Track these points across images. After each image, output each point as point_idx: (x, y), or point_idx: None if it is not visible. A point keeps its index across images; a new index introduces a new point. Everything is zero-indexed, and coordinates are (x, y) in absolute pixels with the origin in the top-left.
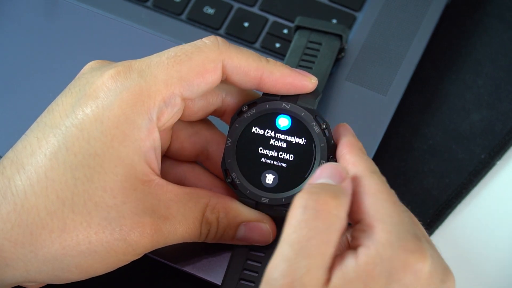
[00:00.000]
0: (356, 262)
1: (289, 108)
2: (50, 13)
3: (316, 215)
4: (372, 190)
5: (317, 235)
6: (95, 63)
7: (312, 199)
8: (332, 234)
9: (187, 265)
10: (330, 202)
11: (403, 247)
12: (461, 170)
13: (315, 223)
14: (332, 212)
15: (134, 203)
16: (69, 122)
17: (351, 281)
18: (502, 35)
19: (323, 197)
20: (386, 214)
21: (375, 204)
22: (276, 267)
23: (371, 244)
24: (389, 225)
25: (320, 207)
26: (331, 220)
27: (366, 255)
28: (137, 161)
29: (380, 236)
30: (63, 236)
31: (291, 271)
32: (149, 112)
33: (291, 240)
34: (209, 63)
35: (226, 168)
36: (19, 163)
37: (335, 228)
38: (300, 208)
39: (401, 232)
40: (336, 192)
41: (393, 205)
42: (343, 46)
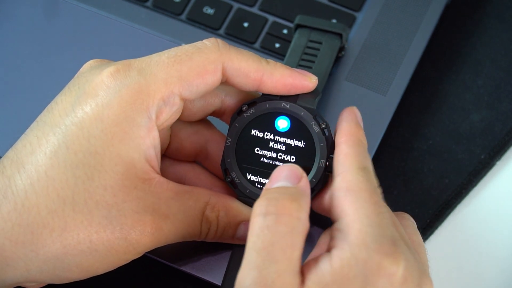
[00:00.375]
0: (331, 266)
1: (288, 107)
2: (50, 13)
3: (277, 219)
4: (354, 188)
5: (280, 240)
6: (94, 62)
7: (271, 204)
8: (296, 237)
9: (186, 265)
10: (290, 205)
11: (377, 250)
12: (461, 170)
13: (277, 227)
14: (293, 215)
15: (134, 202)
16: (69, 120)
17: (327, 285)
18: (502, 35)
19: (281, 201)
20: (364, 214)
21: (355, 202)
22: (247, 276)
23: (346, 245)
24: (366, 226)
25: (280, 211)
26: (293, 223)
27: (341, 258)
28: (137, 159)
29: (356, 237)
30: (64, 235)
31: (261, 277)
32: (148, 110)
33: (256, 247)
34: (209, 64)
35: (226, 168)
36: (19, 162)
37: (298, 231)
38: (260, 215)
39: (377, 234)
40: (294, 195)
41: (373, 205)
42: (343, 45)
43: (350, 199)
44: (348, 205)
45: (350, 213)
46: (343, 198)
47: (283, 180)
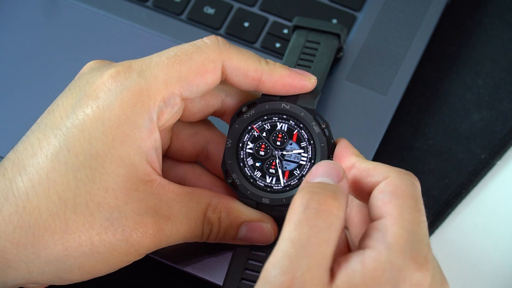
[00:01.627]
0: (363, 266)
1: (288, 108)
2: (50, 13)
3: (317, 214)
4: (401, 193)
5: (318, 234)
6: (94, 63)
7: (313, 198)
8: (332, 233)
9: (188, 266)
10: (331, 202)
11: (413, 259)
12: (461, 170)
13: (316, 222)
14: (333, 212)
15: (136, 203)
16: (70, 123)
17: (357, 286)
18: (502, 35)
19: (323, 197)
20: (407, 220)
21: (400, 207)
22: (276, 264)
23: (383, 248)
24: (406, 232)
25: (321, 207)
26: (332, 219)
27: (375, 260)
28: (139, 161)
29: (395, 242)
30: (65, 237)
31: (292, 268)
32: (149, 112)
33: (292, 238)
34: (209, 64)
35: (227, 169)
36: (20, 164)
37: (335, 227)
38: (301, 207)
39: (415, 242)
40: (336, 192)
41: (417, 212)
42: (341, 46)
43: (396, 202)
44: (392, 208)
45: (393, 215)
46: (387, 200)
47: (325, 176)
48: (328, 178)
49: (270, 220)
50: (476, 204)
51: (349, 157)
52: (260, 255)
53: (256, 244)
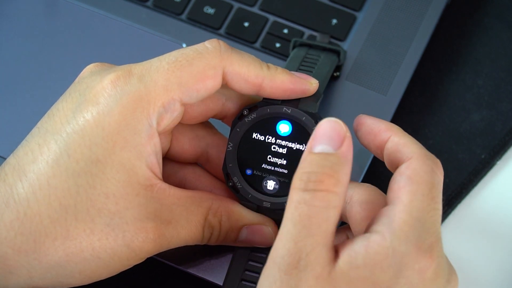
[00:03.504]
0: (366, 249)
1: (290, 112)
2: (50, 13)
3: (315, 195)
4: (417, 178)
5: (317, 214)
6: (94, 66)
7: (310, 180)
8: (331, 211)
9: (188, 266)
10: (328, 181)
11: (418, 246)
12: (461, 170)
13: (314, 202)
14: (330, 189)
15: (136, 209)
16: (70, 128)
17: (358, 267)
18: (502, 35)
19: (320, 176)
20: (417, 208)
21: (412, 194)
22: (283, 246)
23: (388, 234)
24: (414, 219)
25: (318, 187)
26: (329, 198)
27: (379, 244)
28: (139, 166)
29: (401, 228)
30: (66, 243)
31: (296, 249)
32: (149, 117)
33: (293, 219)
34: (210, 70)
35: (228, 172)
36: (21, 170)
37: (333, 205)
38: (299, 190)
39: (422, 230)
40: (334, 167)
41: (429, 199)
42: (340, 64)
43: (409, 188)
44: (404, 194)
45: (403, 202)
46: (402, 185)
47: (325, 141)
48: (329, 145)
49: (271, 223)
50: (476, 204)
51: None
52: (261, 257)
53: (257, 246)
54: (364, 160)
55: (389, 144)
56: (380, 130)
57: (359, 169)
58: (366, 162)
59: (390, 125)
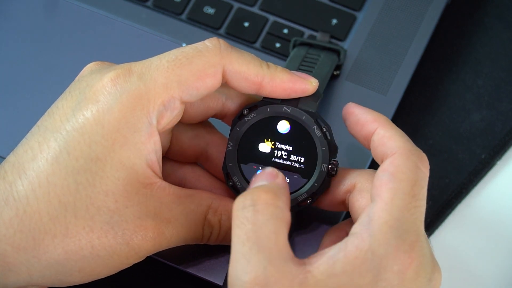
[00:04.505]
0: (345, 255)
1: (289, 111)
2: (50, 13)
3: (255, 209)
4: (399, 175)
5: (262, 228)
6: (94, 65)
7: (247, 198)
8: (276, 223)
9: (188, 266)
10: (265, 196)
11: (398, 247)
12: (461, 170)
13: (256, 216)
14: (269, 202)
15: (136, 207)
16: (70, 126)
17: (336, 275)
18: (502, 35)
19: (257, 193)
20: (397, 206)
21: (393, 191)
22: (236, 265)
23: (367, 236)
24: (394, 219)
25: (256, 201)
26: (270, 210)
27: (358, 248)
28: (139, 164)
29: (380, 230)
30: (65, 241)
31: (252, 266)
32: (148, 115)
33: (241, 239)
34: (210, 68)
35: (228, 172)
36: (20, 167)
37: (276, 216)
38: (239, 209)
39: (402, 229)
40: (270, 187)
41: (410, 197)
42: (340, 63)
43: (391, 186)
44: (386, 192)
45: (384, 200)
46: (384, 182)
47: (260, 181)
48: (263, 181)
49: None
50: (476, 204)
51: (372, 123)
52: None
53: None
54: (364, 160)
55: (375, 137)
56: (367, 121)
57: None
58: (366, 162)
59: (377, 116)
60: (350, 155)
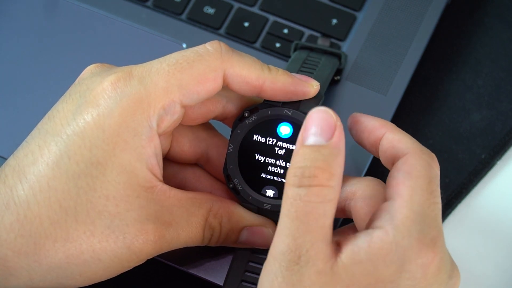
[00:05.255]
0: (369, 245)
1: (290, 114)
2: (50, 13)
3: (309, 191)
4: (415, 173)
5: (313, 210)
6: (95, 67)
7: (304, 176)
8: (327, 205)
9: (189, 266)
10: (321, 175)
11: (420, 240)
12: (461, 170)
13: (310, 198)
14: (324, 184)
15: (137, 211)
16: (70, 130)
17: (361, 262)
18: (502, 35)
19: (314, 171)
20: (417, 202)
21: (411, 188)
22: (282, 242)
23: (390, 229)
24: (415, 214)
25: (313, 182)
26: (324, 192)
27: (381, 239)
28: (139, 168)
29: (402, 223)
30: (66, 245)
31: (296, 245)
32: (149, 119)
33: (291, 216)
34: (210, 72)
35: (228, 174)
36: (21, 172)
37: (329, 198)
38: (294, 186)
39: (424, 224)
40: (327, 159)
41: (429, 194)
42: (341, 68)
43: (408, 183)
44: (404, 189)
45: (403, 197)
46: (401, 180)
47: (317, 133)
48: (320, 137)
49: (272, 225)
50: (476, 204)
51: (380, 129)
52: (261, 258)
53: (258, 247)
54: (363, 161)
55: (384, 141)
56: (374, 128)
57: (359, 170)
58: (366, 162)
59: (384, 122)
60: (350, 157)
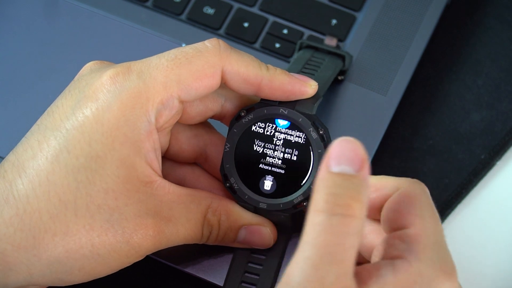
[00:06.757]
0: (395, 277)
1: (286, 113)
2: (50, 13)
3: (343, 221)
4: (418, 202)
5: (344, 241)
6: (94, 64)
7: (338, 203)
8: (357, 238)
9: (188, 266)
10: (355, 205)
11: (442, 269)
12: (461, 170)
13: (343, 229)
14: (357, 216)
15: (136, 205)
16: (70, 124)
17: None
18: (502, 35)
19: (348, 201)
20: (431, 230)
21: (424, 217)
22: (301, 272)
23: (414, 259)
24: (432, 243)
25: (347, 212)
26: (356, 223)
27: (407, 271)
28: (138, 163)
29: (425, 253)
30: (66, 239)
31: (319, 276)
32: (147, 114)
33: (317, 244)
34: (209, 68)
35: (225, 173)
36: (20, 166)
37: (358, 230)
38: (325, 213)
39: (441, 251)
40: (359, 190)
41: (437, 221)
42: (345, 69)
43: (419, 212)
44: (416, 219)
45: (419, 227)
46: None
47: (345, 162)
48: (349, 166)
49: (269, 224)
50: (476, 205)
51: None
52: (260, 258)
53: (256, 247)
54: None
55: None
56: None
57: None
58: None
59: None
60: None
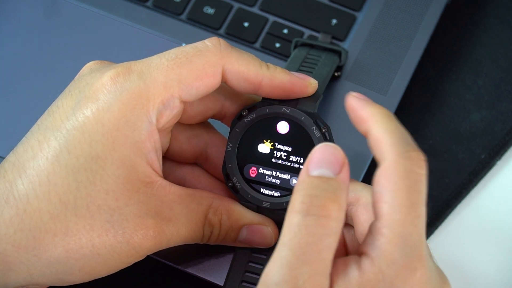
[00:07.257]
0: (360, 275)
1: (289, 112)
2: (50, 13)
3: (318, 221)
4: (390, 186)
5: (318, 241)
6: (94, 64)
7: (313, 204)
8: (332, 238)
9: (189, 266)
10: (331, 207)
11: (406, 266)
12: (461, 170)
13: (317, 229)
14: (332, 216)
15: (136, 205)
16: (70, 124)
17: None
18: (502, 35)
19: (323, 201)
20: (397, 221)
21: (391, 205)
22: (277, 272)
23: (376, 257)
24: (397, 236)
25: (321, 212)
26: (331, 224)
27: (370, 270)
28: (139, 163)
29: (385, 249)
30: (66, 239)
31: (293, 276)
32: (148, 114)
33: (292, 245)
34: (209, 68)
35: (227, 173)
36: (20, 166)
37: (335, 231)
38: (300, 213)
39: (407, 246)
40: (336, 192)
41: (409, 208)
42: (341, 64)
43: (385, 199)
44: (383, 207)
45: (383, 217)
46: (379, 197)
47: (325, 165)
48: (328, 169)
49: (271, 223)
50: (476, 204)
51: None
52: (261, 258)
53: (257, 246)
54: (364, 161)
55: (369, 138)
56: (362, 119)
57: (358, 171)
58: (366, 163)
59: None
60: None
